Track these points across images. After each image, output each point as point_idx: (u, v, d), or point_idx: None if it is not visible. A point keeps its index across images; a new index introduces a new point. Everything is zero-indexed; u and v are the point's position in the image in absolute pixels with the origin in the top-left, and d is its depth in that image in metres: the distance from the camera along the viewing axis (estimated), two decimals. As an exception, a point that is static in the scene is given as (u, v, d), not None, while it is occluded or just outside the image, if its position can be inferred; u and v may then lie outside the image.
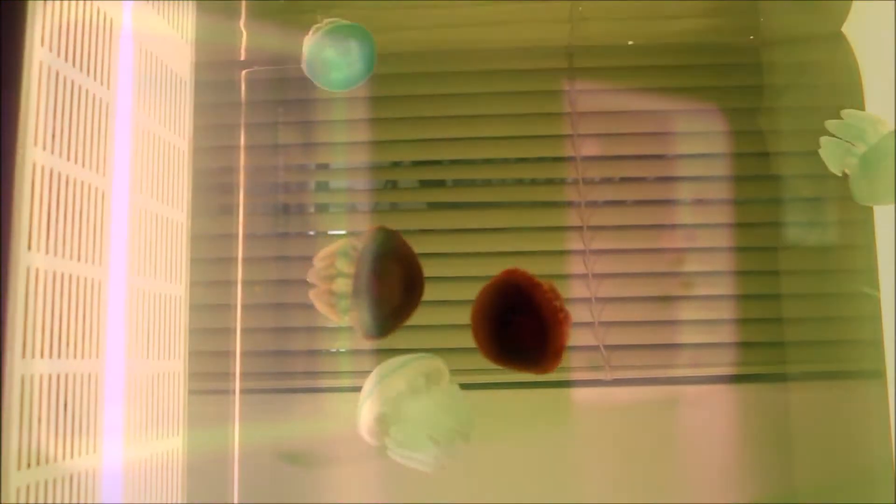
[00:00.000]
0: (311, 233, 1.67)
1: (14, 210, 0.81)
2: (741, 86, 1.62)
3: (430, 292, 1.19)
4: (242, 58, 1.63)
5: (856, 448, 1.46)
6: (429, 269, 1.28)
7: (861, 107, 1.34)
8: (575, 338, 1.57)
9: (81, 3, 0.96)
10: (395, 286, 0.94)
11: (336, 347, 1.60)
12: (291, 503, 1.51)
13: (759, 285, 1.59)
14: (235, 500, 1.48)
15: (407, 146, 1.65)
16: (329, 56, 1.20)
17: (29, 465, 0.84)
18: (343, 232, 1.68)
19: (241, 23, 1.62)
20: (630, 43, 1.63)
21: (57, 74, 0.90)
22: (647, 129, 1.62)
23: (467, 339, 1.16)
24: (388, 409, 0.92)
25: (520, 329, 1.04)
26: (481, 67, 1.63)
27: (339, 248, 0.94)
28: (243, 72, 1.62)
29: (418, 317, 1.18)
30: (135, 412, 1.11)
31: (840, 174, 1.10)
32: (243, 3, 1.61)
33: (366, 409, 0.94)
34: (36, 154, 0.86)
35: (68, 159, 0.93)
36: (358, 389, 1.05)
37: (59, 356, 0.90)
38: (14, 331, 0.80)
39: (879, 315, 1.31)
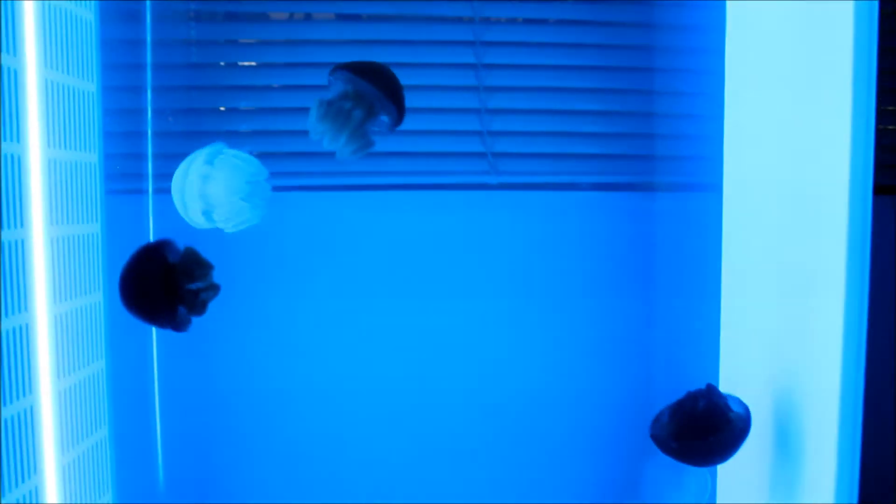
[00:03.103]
0: (222, 40, 1.72)
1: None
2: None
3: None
4: None
5: (699, 250, 1.69)
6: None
7: None
8: (465, 146, 1.73)
9: None
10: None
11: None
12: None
13: (635, 103, 1.76)
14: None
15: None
16: None
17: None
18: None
19: None
20: None
21: None
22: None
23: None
24: (202, 203, 1.08)
25: None
26: None
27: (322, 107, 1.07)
28: None
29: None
30: (56, 197, 1.22)
31: None
32: None
33: (190, 214, 1.10)
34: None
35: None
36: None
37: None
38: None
39: (722, 134, 1.51)
